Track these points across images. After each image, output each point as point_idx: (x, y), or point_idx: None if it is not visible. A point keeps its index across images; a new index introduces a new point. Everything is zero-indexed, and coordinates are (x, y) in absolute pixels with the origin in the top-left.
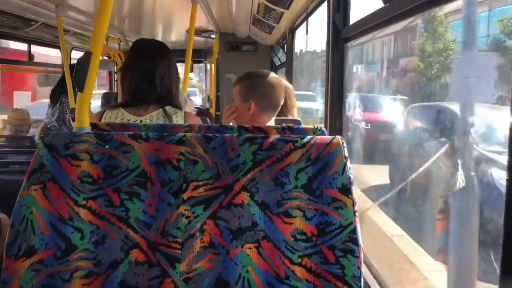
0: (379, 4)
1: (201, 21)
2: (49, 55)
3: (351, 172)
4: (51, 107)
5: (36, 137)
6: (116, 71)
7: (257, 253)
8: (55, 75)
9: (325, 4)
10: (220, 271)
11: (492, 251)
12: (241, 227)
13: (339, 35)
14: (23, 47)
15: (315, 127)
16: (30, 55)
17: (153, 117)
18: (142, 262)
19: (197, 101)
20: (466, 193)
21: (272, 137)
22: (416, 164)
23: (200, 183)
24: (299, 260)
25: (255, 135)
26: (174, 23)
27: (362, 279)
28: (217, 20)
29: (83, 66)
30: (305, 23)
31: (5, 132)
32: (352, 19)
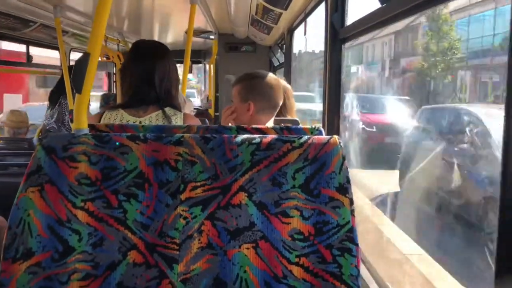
0: (376, 4)
1: (200, 22)
2: (47, 56)
3: (348, 171)
4: (50, 108)
5: (35, 139)
6: (115, 72)
7: (254, 253)
8: (54, 76)
9: (323, 4)
10: (218, 272)
11: None
12: (238, 228)
13: (337, 36)
14: (19, 48)
15: (313, 127)
16: (29, 57)
17: (152, 118)
18: (140, 263)
19: (195, 102)
20: None
21: (270, 137)
22: (431, 170)
23: (198, 183)
24: (296, 259)
25: (253, 136)
26: (173, 24)
27: (360, 278)
28: (216, 21)
29: (81, 67)
30: (303, 23)
31: (4, 134)
32: (350, 20)
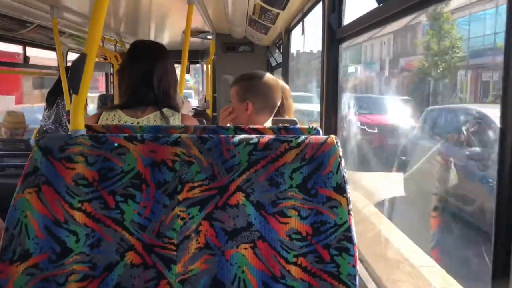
0: (373, 4)
1: (197, 22)
2: (44, 57)
3: (345, 171)
4: (48, 109)
5: (32, 140)
6: (112, 72)
7: (252, 253)
8: (50, 77)
9: (320, 4)
10: (216, 272)
11: None
12: (236, 228)
13: (334, 36)
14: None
15: (310, 126)
16: (26, 57)
17: (150, 119)
18: (137, 264)
19: (192, 103)
20: None
21: (267, 137)
22: (440, 174)
23: (196, 184)
24: (294, 259)
25: (250, 136)
26: (170, 24)
27: (358, 277)
28: (213, 21)
29: (78, 68)
30: (301, 23)
31: (0, 135)
32: (347, 20)
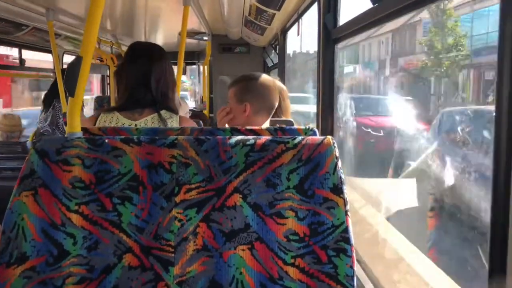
0: (368, 4)
1: (193, 23)
2: (38, 59)
3: (342, 172)
4: (44, 112)
5: (28, 143)
6: (108, 74)
7: (250, 254)
8: (46, 80)
9: (315, 5)
10: (214, 274)
11: None
12: (234, 229)
13: (330, 36)
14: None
15: (307, 127)
16: (21, 60)
17: (147, 121)
18: (135, 266)
19: (189, 104)
20: None
21: (264, 138)
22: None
23: (193, 186)
24: (292, 260)
25: (247, 137)
26: (166, 26)
27: (355, 278)
28: (209, 22)
29: (73, 70)
30: (296, 24)
31: None
32: (342, 20)
